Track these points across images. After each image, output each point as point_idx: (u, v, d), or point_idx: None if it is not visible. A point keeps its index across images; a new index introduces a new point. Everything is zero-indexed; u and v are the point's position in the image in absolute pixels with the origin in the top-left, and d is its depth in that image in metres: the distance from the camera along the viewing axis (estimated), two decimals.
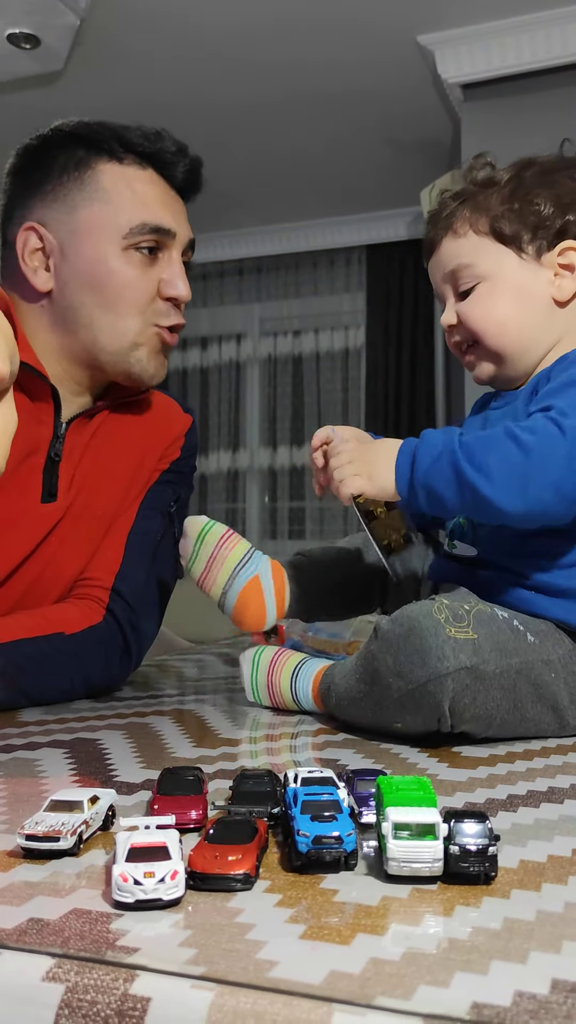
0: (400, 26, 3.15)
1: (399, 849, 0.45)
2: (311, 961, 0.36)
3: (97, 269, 1.01)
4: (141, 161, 1.04)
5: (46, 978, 0.36)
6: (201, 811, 0.54)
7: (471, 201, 0.95)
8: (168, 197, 1.05)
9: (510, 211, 0.93)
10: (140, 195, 1.02)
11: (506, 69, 3.20)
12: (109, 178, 1.02)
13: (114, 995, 0.35)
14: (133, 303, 1.02)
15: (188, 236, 1.07)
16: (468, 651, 0.74)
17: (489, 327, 0.94)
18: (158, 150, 1.04)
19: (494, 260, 0.93)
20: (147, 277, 1.03)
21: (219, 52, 3.29)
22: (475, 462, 0.79)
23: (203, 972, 0.35)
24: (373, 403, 4.82)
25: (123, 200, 1.01)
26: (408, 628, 0.75)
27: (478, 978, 0.35)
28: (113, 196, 1.01)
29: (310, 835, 0.46)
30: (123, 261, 1.01)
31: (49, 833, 0.48)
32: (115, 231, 1.01)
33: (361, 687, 0.80)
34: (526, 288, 0.93)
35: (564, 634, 0.84)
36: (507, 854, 0.49)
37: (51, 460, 1.05)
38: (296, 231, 4.93)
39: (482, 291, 0.94)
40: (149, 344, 1.05)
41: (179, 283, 1.04)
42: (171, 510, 1.15)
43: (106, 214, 1.01)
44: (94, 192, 1.02)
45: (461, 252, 0.95)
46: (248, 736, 0.82)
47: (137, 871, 0.42)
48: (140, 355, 1.05)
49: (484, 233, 0.94)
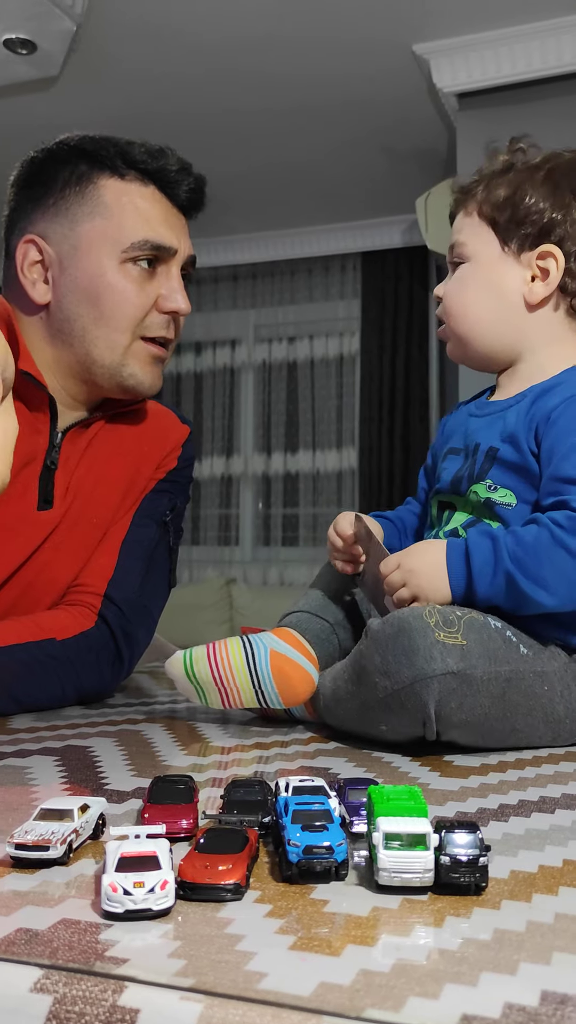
0: (396, 35, 3.16)
1: (390, 859, 0.45)
2: (301, 972, 0.36)
3: (95, 283, 1.02)
4: (143, 178, 1.05)
5: (34, 989, 0.36)
6: (192, 820, 0.54)
7: (487, 183, 0.96)
8: (169, 214, 1.06)
9: (509, 200, 0.93)
10: (141, 211, 1.03)
11: (501, 79, 3.22)
12: (111, 193, 1.03)
13: (102, 1006, 0.35)
14: (128, 316, 1.03)
15: (188, 252, 1.08)
16: (456, 655, 0.74)
17: (455, 309, 0.96)
18: (161, 167, 1.05)
19: (480, 244, 0.95)
20: (144, 291, 1.04)
21: (214, 60, 3.30)
22: (531, 576, 0.80)
23: (192, 984, 0.35)
24: (367, 410, 4.82)
25: (124, 216, 1.02)
26: (398, 628, 0.75)
27: (468, 990, 0.35)
28: (114, 211, 1.02)
29: (300, 845, 0.46)
30: (121, 275, 1.02)
31: (39, 842, 0.48)
32: (115, 246, 1.02)
33: (348, 687, 0.80)
34: (496, 282, 0.94)
35: (559, 649, 0.84)
36: (498, 864, 0.49)
37: (47, 468, 1.06)
38: (291, 238, 4.94)
39: (463, 272, 0.96)
40: (139, 357, 1.06)
41: (178, 297, 1.05)
42: (166, 519, 1.15)
43: (106, 229, 1.02)
44: (95, 207, 1.03)
45: (462, 229, 0.97)
46: (239, 744, 0.82)
47: (127, 881, 0.42)
48: (133, 369, 1.05)
49: (484, 217, 0.95)
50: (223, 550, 5.22)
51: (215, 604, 4.73)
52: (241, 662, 0.87)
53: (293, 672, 0.86)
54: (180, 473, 1.19)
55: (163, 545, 1.14)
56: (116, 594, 1.07)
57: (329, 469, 4.99)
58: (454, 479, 0.95)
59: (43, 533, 1.05)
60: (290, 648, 0.88)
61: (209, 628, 4.43)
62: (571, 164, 0.95)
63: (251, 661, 0.87)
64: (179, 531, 1.20)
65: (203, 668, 0.87)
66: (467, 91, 3.30)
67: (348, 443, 4.97)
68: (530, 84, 3.21)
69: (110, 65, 3.36)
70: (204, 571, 5.15)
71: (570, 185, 0.93)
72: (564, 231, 0.92)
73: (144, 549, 1.11)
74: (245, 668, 0.86)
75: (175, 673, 0.89)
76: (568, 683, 0.81)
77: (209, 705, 0.89)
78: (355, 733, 0.82)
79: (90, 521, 1.09)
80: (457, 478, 0.94)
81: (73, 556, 1.09)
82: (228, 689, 0.87)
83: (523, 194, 0.93)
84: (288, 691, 0.86)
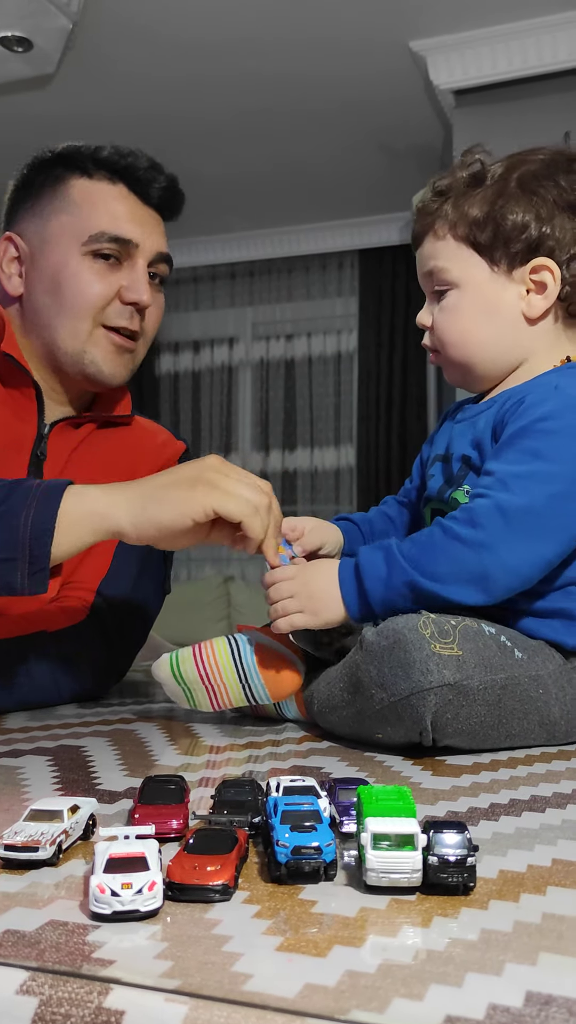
0: (392, 32, 3.15)
1: (378, 860, 0.45)
2: (287, 974, 0.36)
3: (59, 273, 1.07)
4: (112, 176, 1.10)
5: (20, 991, 0.36)
6: (182, 820, 0.54)
7: (454, 200, 0.93)
8: (136, 211, 1.10)
9: (487, 218, 0.90)
10: (105, 207, 1.08)
11: (497, 75, 3.21)
12: (78, 192, 1.09)
13: (88, 1008, 0.35)
14: (88, 304, 1.07)
15: (156, 248, 1.11)
16: (452, 667, 0.73)
17: (452, 338, 0.93)
18: (128, 165, 1.10)
19: (466, 268, 0.92)
20: (106, 282, 1.07)
21: (210, 58, 3.30)
22: (428, 573, 0.79)
23: (177, 985, 0.35)
24: (365, 407, 4.82)
25: (89, 211, 1.08)
26: (393, 641, 0.75)
27: (453, 991, 0.35)
28: (80, 207, 1.08)
29: (289, 845, 0.46)
30: (83, 266, 1.07)
31: (28, 843, 0.48)
32: (77, 238, 1.07)
33: (344, 696, 0.80)
34: (492, 302, 0.91)
35: (554, 651, 0.84)
36: (486, 864, 0.49)
37: (36, 458, 1.08)
38: (289, 235, 4.94)
39: (452, 299, 0.93)
40: (101, 345, 1.08)
41: (140, 288, 1.08)
42: None
43: (71, 224, 1.08)
44: (63, 204, 1.09)
45: (438, 254, 0.94)
46: (232, 743, 0.82)
47: (115, 882, 0.42)
48: (94, 356, 1.08)
49: (461, 238, 0.92)
50: (221, 548, 5.19)
51: (213, 602, 4.73)
52: (227, 658, 0.87)
53: (279, 664, 0.87)
54: None
55: (156, 553, 1.15)
56: (107, 590, 1.08)
57: (327, 467, 4.99)
58: (440, 486, 0.95)
59: None
60: (275, 642, 0.89)
61: (207, 626, 4.43)
62: (540, 168, 0.92)
63: (236, 656, 0.87)
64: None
65: (190, 668, 0.88)
66: (463, 88, 3.29)
67: (346, 440, 4.97)
68: (526, 81, 3.20)
69: (106, 63, 3.35)
70: (202, 569, 5.15)
71: (547, 191, 0.90)
72: (554, 241, 0.89)
73: (138, 553, 1.12)
74: (231, 664, 0.87)
75: (162, 676, 0.89)
76: (563, 685, 0.81)
77: (198, 708, 0.89)
78: (350, 738, 0.82)
79: None
80: (442, 485, 0.94)
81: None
82: (216, 687, 0.87)
83: (503, 211, 0.89)
84: (275, 684, 0.86)
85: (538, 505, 0.80)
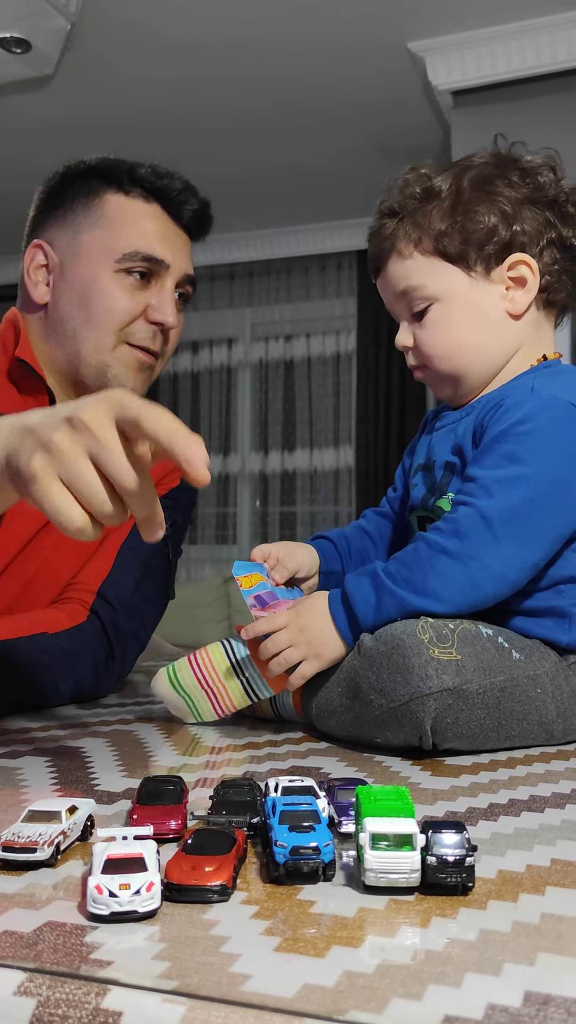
0: (391, 33, 3.15)
1: (376, 860, 0.45)
2: (285, 974, 0.36)
3: (88, 287, 1.08)
4: (147, 196, 1.11)
5: (17, 992, 0.36)
6: (180, 821, 0.53)
7: (411, 218, 0.92)
8: (168, 232, 1.12)
9: (452, 228, 0.90)
10: (139, 226, 1.09)
11: (496, 76, 3.21)
12: (113, 208, 1.10)
13: (85, 1009, 0.35)
14: (115, 321, 1.08)
15: (185, 270, 1.13)
16: (451, 672, 0.73)
17: (445, 351, 0.92)
18: (164, 187, 1.12)
19: (443, 281, 0.91)
20: (134, 300, 1.08)
21: (208, 60, 3.30)
22: (419, 590, 0.79)
23: (175, 986, 0.35)
24: (364, 408, 4.82)
25: (122, 228, 1.09)
26: (392, 647, 0.75)
27: (451, 991, 0.35)
28: (114, 224, 1.09)
29: (287, 845, 0.46)
30: (114, 283, 1.08)
31: (26, 844, 0.48)
32: (110, 255, 1.08)
33: (343, 701, 0.79)
34: (479, 307, 0.91)
35: (549, 649, 0.84)
36: (485, 864, 0.49)
37: None
38: (287, 236, 4.94)
39: (435, 314, 0.92)
40: (125, 361, 1.09)
41: (167, 310, 1.09)
42: (166, 534, 1.15)
43: (105, 239, 1.08)
44: (97, 219, 1.10)
45: (409, 273, 0.92)
46: (231, 744, 0.82)
47: (112, 883, 0.42)
48: (117, 371, 1.09)
49: (429, 253, 0.91)
50: (221, 548, 5.22)
51: (213, 603, 4.73)
52: (222, 658, 0.88)
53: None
54: (181, 493, 1.20)
55: (161, 556, 1.15)
56: (109, 592, 1.08)
57: (326, 467, 4.99)
58: (423, 497, 0.94)
59: (37, 524, 1.06)
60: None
61: (207, 626, 4.43)
62: (488, 169, 0.92)
63: (232, 656, 0.88)
64: (178, 549, 1.21)
65: (187, 675, 0.88)
66: (462, 88, 3.29)
67: (345, 441, 4.97)
68: (524, 81, 3.20)
69: (105, 65, 3.35)
70: (202, 570, 5.15)
71: (502, 189, 0.90)
72: (524, 236, 0.90)
73: (142, 555, 1.12)
74: (226, 662, 0.87)
75: (162, 689, 0.89)
76: (560, 683, 0.81)
77: (203, 718, 0.89)
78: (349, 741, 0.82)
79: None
80: (426, 494, 0.94)
81: (73, 555, 1.10)
82: (216, 691, 0.87)
83: (468, 216, 0.89)
84: (279, 687, 0.86)
85: (520, 509, 0.80)
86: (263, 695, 0.87)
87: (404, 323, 0.96)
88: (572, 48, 3.09)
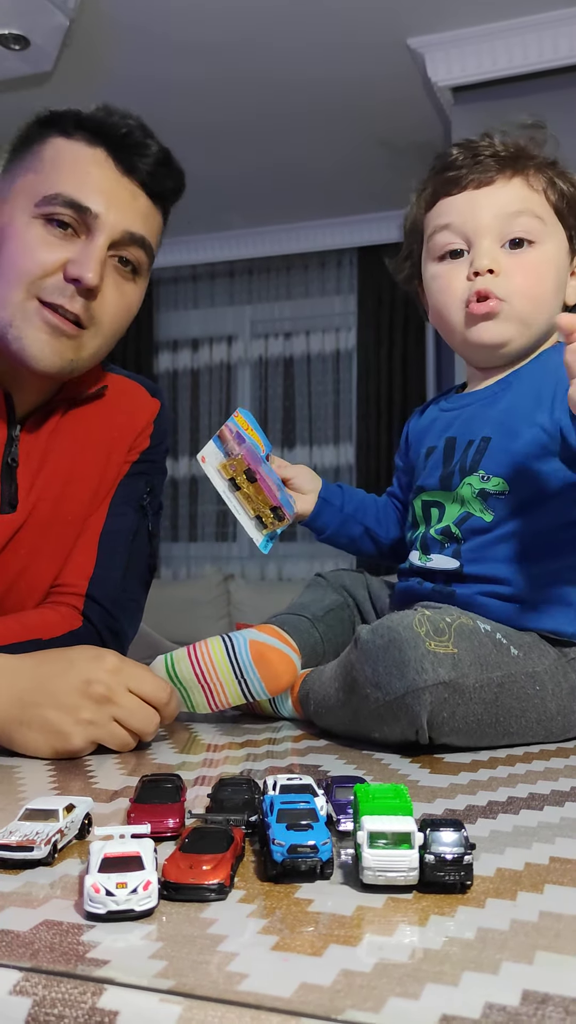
0: (391, 29, 3.15)
1: (374, 858, 0.44)
2: (282, 973, 0.36)
3: (5, 232, 0.94)
4: (92, 139, 0.95)
5: (13, 991, 0.36)
6: (178, 819, 0.53)
7: (537, 164, 0.95)
8: (110, 181, 0.95)
9: (570, 204, 0.94)
10: (72, 168, 0.94)
11: (496, 72, 3.20)
12: (51, 151, 0.96)
13: (82, 1009, 0.35)
14: (23, 270, 0.93)
15: (125, 226, 0.95)
16: (448, 665, 0.73)
17: (534, 292, 0.92)
18: (112, 125, 0.96)
19: (556, 231, 0.94)
20: (50, 250, 0.93)
21: (208, 56, 3.29)
22: None
23: (171, 986, 0.35)
24: (364, 405, 4.82)
25: (52, 171, 0.94)
26: (388, 640, 0.74)
27: (449, 990, 0.35)
28: (47, 166, 0.95)
29: (285, 844, 0.46)
30: (30, 229, 0.93)
31: (23, 843, 0.48)
32: (31, 198, 0.94)
33: (340, 696, 0.79)
34: (562, 275, 0.95)
35: (549, 645, 0.83)
36: (484, 862, 0.49)
37: (7, 466, 1.00)
38: (287, 233, 4.93)
39: (536, 255, 0.92)
40: (30, 319, 0.93)
41: (87, 264, 0.92)
42: (144, 503, 1.11)
43: (33, 182, 0.94)
44: (32, 162, 0.96)
45: (535, 204, 0.93)
46: (230, 742, 0.82)
47: (109, 882, 0.41)
48: (21, 330, 0.93)
49: (551, 203, 0.94)
50: (221, 546, 5.22)
51: (213, 600, 4.73)
52: (222, 655, 0.87)
53: (274, 657, 0.86)
54: (154, 451, 1.13)
55: (143, 532, 1.10)
56: (99, 593, 1.04)
57: (326, 464, 4.98)
58: (443, 475, 0.93)
59: (4, 537, 1.01)
60: (269, 637, 0.89)
61: (207, 624, 4.43)
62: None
63: (231, 652, 0.87)
64: (158, 510, 1.15)
65: (185, 667, 0.87)
66: (462, 84, 3.28)
67: (345, 439, 4.97)
68: (525, 78, 3.19)
69: (103, 61, 3.34)
70: (202, 567, 5.14)
71: None
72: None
73: (124, 540, 1.07)
74: (226, 660, 0.87)
75: (160, 675, 0.89)
76: (559, 680, 0.81)
77: (195, 709, 0.89)
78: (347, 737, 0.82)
79: (64, 520, 1.04)
80: (447, 474, 0.93)
81: (52, 557, 1.05)
82: (212, 685, 0.87)
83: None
84: (271, 678, 0.86)
85: None
86: (259, 696, 0.87)
87: (489, 244, 0.92)
88: (573, 44, 3.08)
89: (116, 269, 0.96)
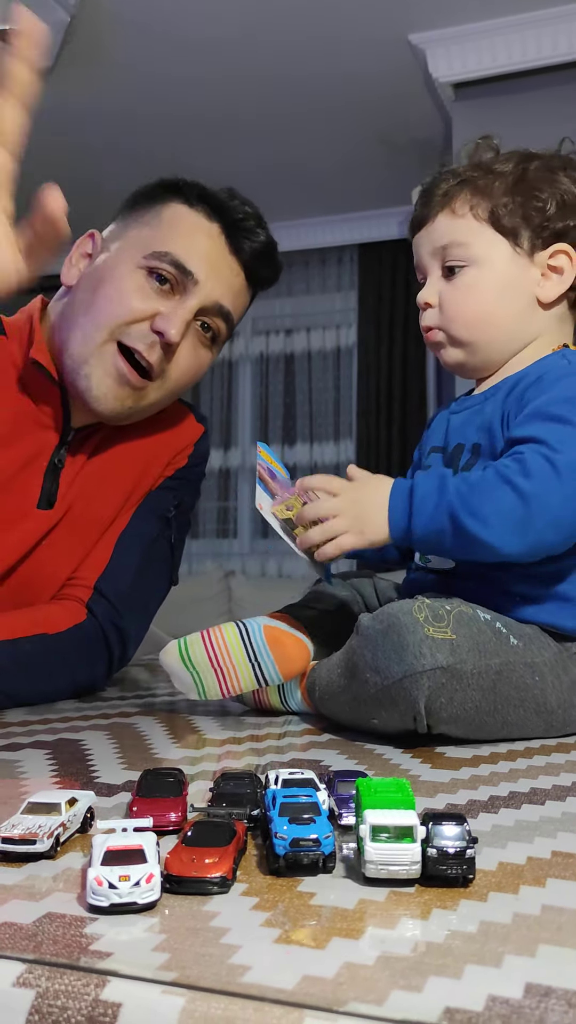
0: (392, 25, 3.14)
1: (377, 852, 0.44)
2: (284, 966, 0.36)
3: (106, 274, 1.01)
4: (211, 214, 1.04)
5: (16, 983, 0.36)
6: (180, 813, 0.53)
7: (471, 184, 0.94)
8: (217, 255, 1.03)
9: (512, 203, 0.92)
10: (187, 234, 1.02)
11: (497, 68, 3.20)
12: (171, 213, 1.03)
13: (85, 1000, 0.35)
14: (113, 315, 0.98)
15: (217, 298, 1.02)
16: (446, 651, 0.74)
17: (467, 315, 0.93)
18: (231, 208, 1.05)
19: (488, 247, 0.93)
20: (144, 299, 0.99)
21: (208, 52, 3.29)
22: (473, 511, 0.79)
23: (174, 978, 0.35)
24: (365, 402, 4.82)
25: (169, 232, 1.02)
26: (387, 625, 0.75)
27: (452, 982, 0.35)
28: (164, 226, 1.02)
29: (287, 837, 0.46)
30: (131, 277, 1.00)
31: (25, 836, 0.48)
32: (140, 250, 1.01)
33: (341, 681, 0.80)
34: (512, 282, 0.93)
35: (550, 638, 0.84)
36: (486, 856, 0.49)
37: (53, 466, 1.05)
38: (288, 230, 4.92)
39: (468, 276, 0.93)
40: (104, 361, 0.99)
41: (174, 321, 0.98)
42: (169, 515, 1.14)
43: (147, 236, 1.02)
44: (151, 218, 1.04)
45: (457, 230, 0.94)
46: (233, 737, 0.82)
47: (112, 874, 0.41)
48: (93, 370, 0.99)
49: (483, 219, 0.93)
50: (221, 543, 5.22)
51: (214, 596, 4.73)
52: (236, 640, 0.87)
53: (288, 641, 0.87)
54: (190, 471, 1.18)
55: (163, 540, 1.13)
56: (106, 587, 1.06)
57: (327, 461, 4.98)
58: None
59: (41, 531, 1.05)
60: (283, 623, 0.90)
61: (208, 620, 4.38)
62: (553, 162, 0.95)
63: (246, 637, 0.88)
64: (184, 526, 1.18)
65: (199, 652, 0.88)
66: (463, 81, 3.28)
67: (346, 435, 4.97)
68: (526, 74, 3.19)
69: (104, 57, 3.34)
70: (203, 564, 5.14)
71: (563, 182, 0.93)
72: (573, 229, 0.93)
73: (141, 542, 1.10)
74: (240, 645, 0.87)
75: (170, 661, 0.89)
76: (559, 673, 0.81)
77: (207, 696, 0.89)
78: (348, 725, 0.82)
79: (92, 520, 1.08)
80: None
81: (71, 554, 1.08)
82: (225, 670, 0.87)
83: (527, 197, 0.92)
84: (285, 661, 0.86)
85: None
86: (272, 681, 0.87)
87: (432, 279, 0.96)
88: (573, 40, 3.08)
89: (197, 332, 1.03)
